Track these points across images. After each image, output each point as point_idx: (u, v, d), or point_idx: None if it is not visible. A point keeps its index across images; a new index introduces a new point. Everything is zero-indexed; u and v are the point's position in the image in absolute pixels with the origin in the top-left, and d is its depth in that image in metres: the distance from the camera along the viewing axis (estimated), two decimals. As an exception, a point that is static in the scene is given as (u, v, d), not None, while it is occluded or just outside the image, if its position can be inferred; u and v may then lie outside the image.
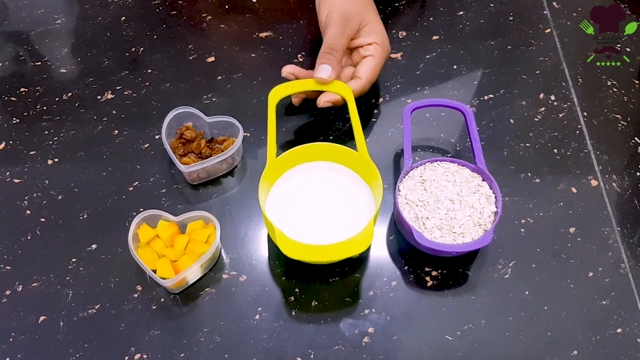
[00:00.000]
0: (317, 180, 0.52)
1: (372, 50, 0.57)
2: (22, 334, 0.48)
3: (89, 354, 0.47)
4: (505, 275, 0.50)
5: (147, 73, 0.65)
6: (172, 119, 0.56)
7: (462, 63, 0.65)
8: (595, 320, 0.48)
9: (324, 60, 0.54)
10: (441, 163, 0.53)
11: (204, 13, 0.71)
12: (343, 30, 0.55)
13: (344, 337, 0.47)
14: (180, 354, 0.46)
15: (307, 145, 0.52)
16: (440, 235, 0.48)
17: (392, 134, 0.59)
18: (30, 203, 0.55)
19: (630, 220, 0.53)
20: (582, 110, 0.61)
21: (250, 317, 0.48)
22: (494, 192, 0.51)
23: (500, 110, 0.61)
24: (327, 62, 0.54)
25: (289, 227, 0.48)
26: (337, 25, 0.56)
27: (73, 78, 0.65)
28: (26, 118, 0.61)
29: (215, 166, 0.54)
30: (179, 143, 0.56)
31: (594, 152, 0.58)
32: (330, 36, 0.55)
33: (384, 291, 0.49)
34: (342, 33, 0.55)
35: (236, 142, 0.54)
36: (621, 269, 0.50)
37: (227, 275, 0.50)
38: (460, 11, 0.70)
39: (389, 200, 0.55)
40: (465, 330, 0.47)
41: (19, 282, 0.50)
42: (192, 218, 0.51)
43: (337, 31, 0.55)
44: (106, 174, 0.57)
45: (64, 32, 0.70)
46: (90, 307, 0.49)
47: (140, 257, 0.48)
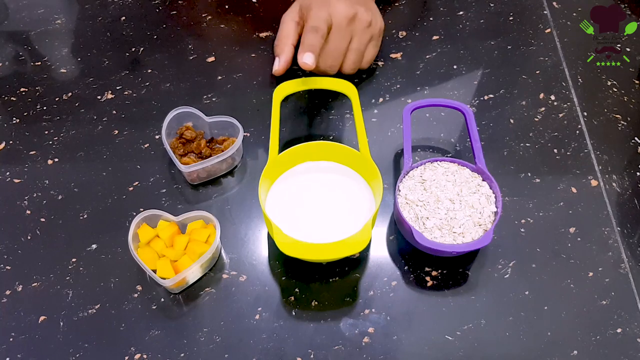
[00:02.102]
0: (318, 179, 0.52)
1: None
2: (22, 334, 0.48)
3: (89, 354, 0.47)
4: (505, 275, 0.50)
5: (147, 73, 0.65)
6: (172, 119, 0.56)
7: (462, 63, 0.65)
8: (595, 320, 0.48)
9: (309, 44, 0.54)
10: (441, 163, 0.53)
11: (204, 13, 0.71)
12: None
13: (344, 337, 0.47)
14: (180, 354, 0.46)
15: (309, 144, 0.52)
16: (440, 235, 0.48)
17: (392, 134, 0.59)
18: (30, 203, 0.55)
19: (630, 220, 0.53)
20: (582, 110, 0.61)
21: (250, 317, 0.48)
22: (494, 192, 0.51)
23: (500, 110, 0.61)
24: (311, 49, 0.54)
25: (288, 224, 0.48)
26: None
27: (73, 78, 0.65)
28: (26, 118, 0.61)
29: (215, 166, 0.54)
30: (179, 143, 0.56)
31: (594, 152, 0.58)
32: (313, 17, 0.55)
33: (383, 291, 0.49)
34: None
35: (236, 142, 0.54)
36: (621, 269, 0.50)
37: (227, 275, 0.51)
38: (460, 11, 0.70)
39: (389, 200, 0.55)
40: (465, 330, 0.47)
41: (19, 282, 0.50)
42: (192, 218, 0.51)
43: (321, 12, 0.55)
44: (106, 174, 0.57)
45: (64, 32, 0.70)
46: (90, 307, 0.49)
47: (140, 257, 0.48)
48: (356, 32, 0.57)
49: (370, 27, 0.58)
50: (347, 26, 0.56)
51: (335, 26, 0.56)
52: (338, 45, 0.57)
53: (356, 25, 0.57)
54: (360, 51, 0.59)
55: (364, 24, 0.57)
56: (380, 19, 0.61)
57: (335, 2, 0.57)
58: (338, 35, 0.56)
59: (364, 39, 0.58)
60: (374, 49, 0.61)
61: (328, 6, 0.56)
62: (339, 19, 0.56)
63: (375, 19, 0.59)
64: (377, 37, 0.60)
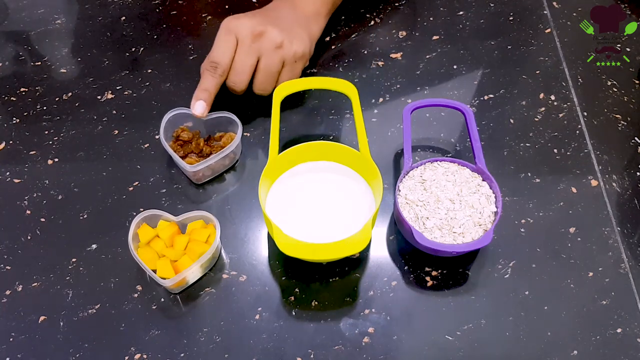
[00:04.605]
0: (318, 179, 0.52)
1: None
2: (22, 334, 0.48)
3: (89, 354, 0.47)
4: (505, 275, 0.50)
5: (147, 73, 0.65)
6: (167, 121, 0.55)
7: (462, 63, 0.65)
8: (595, 320, 0.48)
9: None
10: (441, 163, 0.53)
11: (204, 13, 0.71)
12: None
13: (344, 337, 0.47)
14: (180, 354, 0.46)
15: (309, 144, 0.52)
16: (440, 235, 0.48)
17: (392, 134, 0.59)
18: (30, 203, 0.55)
19: (630, 220, 0.53)
20: (582, 110, 0.61)
21: (250, 317, 0.48)
22: (494, 192, 0.51)
23: (500, 110, 0.61)
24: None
25: (288, 224, 0.48)
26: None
27: (73, 78, 0.65)
28: (26, 118, 0.61)
29: (219, 162, 0.54)
30: (177, 145, 0.56)
31: (594, 152, 0.58)
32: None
33: (383, 291, 0.49)
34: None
35: (237, 137, 0.54)
36: (621, 269, 0.50)
37: (227, 275, 0.51)
38: (460, 11, 0.70)
39: (389, 200, 0.55)
40: (465, 330, 0.47)
41: (19, 282, 0.50)
42: (192, 218, 0.51)
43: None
44: (106, 174, 0.57)
45: (64, 32, 0.70)
46: (90, 307, 0.49)
47: (140, 257, 0.48)
48: (263, 52, 0.54)
49: (281, 49, 0.55)
50: (252, 43, 0.54)
51: (240, 41, 0.54)
52: (243, 60, 0.54)
53: (263, 44, 0.54)
54: (271, 72, 0.55)
55: (271, 44, 0.54)
56: (301, 46, 0.56)
57: (244, 18, 0.55)
58: (241, 51, 0.54)
59: (272, 60, 0.55)
60: (288, 74, 0.57)
61: (235, 23, 0.54)
62: (242, 34, 0.54)
63: (293, 43, 0.55)
64: (292, 63, 0.57)
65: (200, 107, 0.54)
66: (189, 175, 0.55)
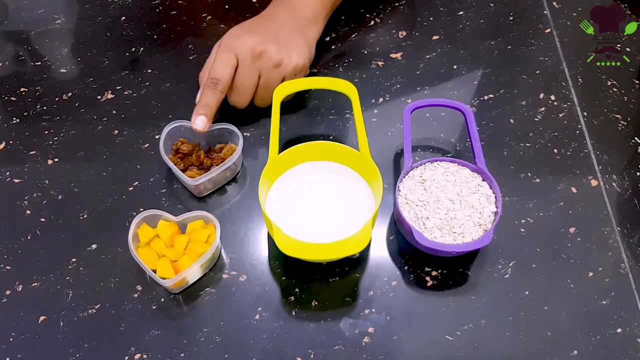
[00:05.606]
0: (318, 179, 0.52)
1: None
2: (22, 334, 0.48)
3: (89, 354, 0.47)
4: (505, 275, 0.50)
5: (147, 73, 0.65)
6: (167, 134, 0.55)
7: (462, 63, 0.65)
8: (595, 320, 0.48)
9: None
10: (441, 163, 0.53)
11: (204, 13, 0.71)
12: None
13: (344, 337, 0.47)
14: (180, 354, 0.46)
15: (309, 144, 0.52)
16: (440, 235, 0.48)
17: (392, 134, 0.59)
18: (30, 203, 0.55)
19: (630, 220, 0.53)
20: (582, 110, 0.61)
21: (250, 317, 0.48)
22: (494, 192, 0.51)
23: (500, 110, 0.61)
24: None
25: (288, 225, 0.48)
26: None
27: (73, 78, 0.65)
28: (26, 118, 0.61)
29: (220, 175, 0.54)
30: (177, 158, 0.55)
31: (594, 152, 0.58)
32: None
33: (383, 291, 0.49)
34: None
35: (238, 149, 0.53)
36: (621, 269, 0.50)
37: (227, 275, 0.51)
38: (460, 11, 0.70)
39: (389, 200, 0.55)
40: (465, 330, 0.47)
41: (19, 282, 0.50)
42: (192, 218, 0.51)
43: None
44: (106, 174, 0.57)
45: (64, 32, 0.70)
46: (90, 307, 0.49)
47: (140, 257, 0.48)
48: (263, 71, 0.55)
49: (280, 67, 0.55)
50: (253, 63, 0.54)
51: (240, 62, 0.54)
52: (244, 81, 0.55)
53: (263, 63, 0.54)
54: (271, 89, 0.55)
55: (270, 63, 0.54)
56: (301, 59, 0.57)
57: (244, 37, 0.55)
58: (242, 71, 0.54)
59: (272, 78, 0.55)
60: None
61: (235, 43, 0.54)
62: (243, 55, 0.54)
63: (292, 58, 0.56)
64: (292, 76, 0.57)
65: (201, 122, 0.54)
66: (190, 188, 0.54)
